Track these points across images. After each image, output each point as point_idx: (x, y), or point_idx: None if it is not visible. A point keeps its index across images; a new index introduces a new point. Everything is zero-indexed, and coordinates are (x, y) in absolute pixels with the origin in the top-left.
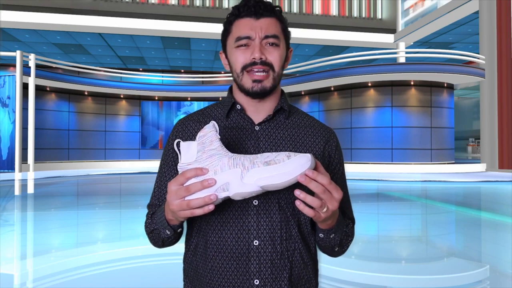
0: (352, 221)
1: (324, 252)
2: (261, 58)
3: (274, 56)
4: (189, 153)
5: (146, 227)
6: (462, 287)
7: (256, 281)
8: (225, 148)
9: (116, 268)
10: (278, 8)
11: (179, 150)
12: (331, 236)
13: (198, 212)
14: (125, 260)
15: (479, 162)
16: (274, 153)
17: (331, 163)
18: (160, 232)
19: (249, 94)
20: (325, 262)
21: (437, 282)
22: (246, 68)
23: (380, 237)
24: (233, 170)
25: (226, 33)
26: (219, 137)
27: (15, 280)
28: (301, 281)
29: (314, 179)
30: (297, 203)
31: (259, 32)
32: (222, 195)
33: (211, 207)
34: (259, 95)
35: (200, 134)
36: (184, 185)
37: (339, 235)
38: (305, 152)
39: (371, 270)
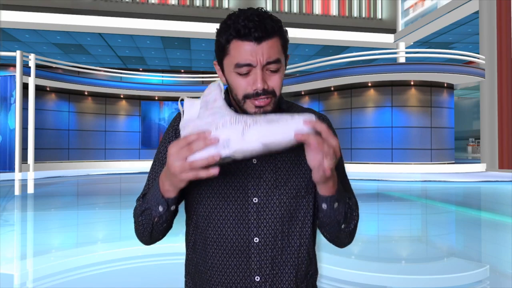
0: (354, 198)
1: (330, 236)
2: (263, 89)
3: (275, 82)
4: (192, 110)
5: (135, 211)
6: (462, 287)
7: (257, 278)
8: (228, 108)
9: (116, 268)
10: (279, 24)
11: (182, 107)
12: (335, 206)
13: (203, 174)
14: (125, 260)
15: (479, 162)
16: (277, 114)
17: None
18: (151, 212)
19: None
20: (325, 262)
21: (437, 282)
22: (248, 97)
23: (380, 237)
24: (235, 126)
25: (222, 50)
26: (223, 96)
27: (15, 280)
28: (306, 276)
29: (313, 126)
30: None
31: (260, 58)
32: (223, 153)
33: (215, 170)
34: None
35: (204, 93)
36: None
37: (342, 206)
38: (303, 149)
39: (371, 270)
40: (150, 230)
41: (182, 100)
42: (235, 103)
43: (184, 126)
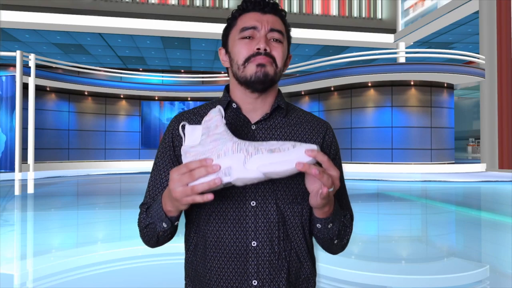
0: (350, 213)
1: (323, 247)
2: (265, 49)
3: (277, 51)
4: (193, 135)
5: (140, 223)
6: (462, 287)
7: (255, 282)
8: (230, 133)
9: (116, 268)
10: (284, 13)
11: (183, 132)
12: (329, 226)
13: (199, 198)
14: (125, 260)
15: (479, 162)
16: (280, 141)
17: (329, 157)
18: (156, 226)
19: (250, 83)
20: (325, 262)
21: (437, 282)
22: (249, 59)
23: (380, 237)
24: (236, 155)
25: (229, 27)
26: (224, 122)
27: (15, 280)
28: (298, 280)
29: (315, 157)
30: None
31: (265, 24)
32: (224, 179)
33: (210, 196)
34: (261, 83)
35: (205, 118)
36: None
37: (337, 225)
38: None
39: (371, 270)
40: (156, 240)
41: (184, 124)
42: (236, 81)
43: (185, 152)
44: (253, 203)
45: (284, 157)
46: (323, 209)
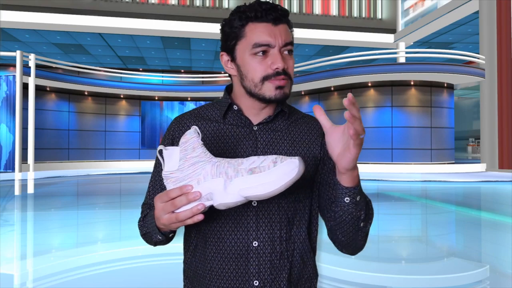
0: None
1: (346, 238)
2: (283, 68)
3: (290, 65)
4: (172, 160)
5: (139, 228)
6: (462, 287)
7: (256, 282)
8: (208, 154)
9: (116, 268)
10: (288, 14)
11: (162, 157)
12: (358, 199)
13: (189, 222)
14: (125, 260)
15: (479, 162)
16: (261, 157)
17: (329, 157)
18: (152, 236)
19: (268, 101)
20: (325, 262)
21: (437, 282)
22: (267, 78)
23: (380, 237)
24: (216, 180)
25: (235, 36)
26: (202, 142)
27: (15, 280)
28: (300, 281)
29: (353, 104)
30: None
31: (279, 39)
32: (207, 204)
33: (200, 216)
34: (280, 102)
35: (182, 140)
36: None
37: (363, 199)
38: (304, 152)
39: (371, 270)
40: (154, 245)
41: (161, 150)
42: (245, 91)
43: (165, 177)
44: (254, 203)
45: (264, 179)
46: (353, 171)
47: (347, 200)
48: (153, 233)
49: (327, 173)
